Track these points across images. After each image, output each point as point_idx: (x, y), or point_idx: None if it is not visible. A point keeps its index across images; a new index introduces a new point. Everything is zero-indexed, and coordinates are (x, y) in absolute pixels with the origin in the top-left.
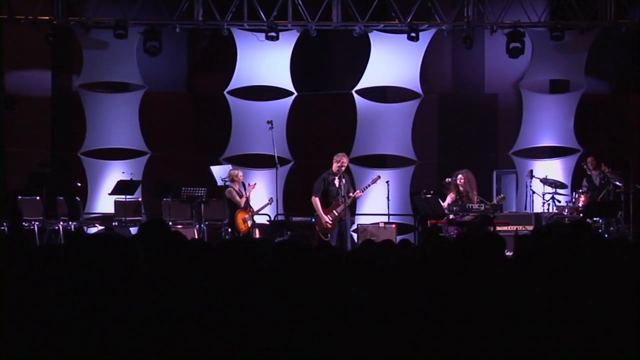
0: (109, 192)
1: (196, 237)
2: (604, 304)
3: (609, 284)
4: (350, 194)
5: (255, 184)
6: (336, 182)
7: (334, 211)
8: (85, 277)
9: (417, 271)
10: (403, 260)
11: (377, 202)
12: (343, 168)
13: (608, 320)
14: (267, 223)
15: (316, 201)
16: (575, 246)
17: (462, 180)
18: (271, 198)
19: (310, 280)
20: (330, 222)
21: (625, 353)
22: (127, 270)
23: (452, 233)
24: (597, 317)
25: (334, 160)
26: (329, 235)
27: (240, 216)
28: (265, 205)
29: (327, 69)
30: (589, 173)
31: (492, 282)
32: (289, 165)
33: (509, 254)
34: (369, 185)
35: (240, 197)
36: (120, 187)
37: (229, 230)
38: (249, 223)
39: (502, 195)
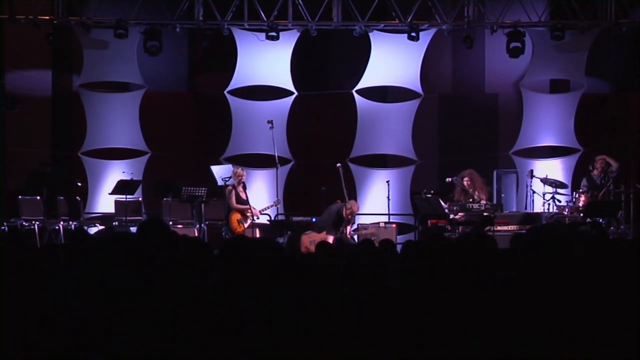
0: (110, 191)
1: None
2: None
3: (609, 283)
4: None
5: (277, 200)
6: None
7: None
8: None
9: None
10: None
11: (378, 202)
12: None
13: (606, 320)
14: (268, 223)
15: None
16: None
17: (468, 182)
18: (277, 200)
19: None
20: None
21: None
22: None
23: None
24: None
25: None
26: None
27: (235, 217)
28: (270, 206)
29: (327, 68)
30: (590, 168)
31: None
32: (290, 165)
33: None
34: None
35: (238, 197)
36: (121, 187)
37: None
38: (245, 224)
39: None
